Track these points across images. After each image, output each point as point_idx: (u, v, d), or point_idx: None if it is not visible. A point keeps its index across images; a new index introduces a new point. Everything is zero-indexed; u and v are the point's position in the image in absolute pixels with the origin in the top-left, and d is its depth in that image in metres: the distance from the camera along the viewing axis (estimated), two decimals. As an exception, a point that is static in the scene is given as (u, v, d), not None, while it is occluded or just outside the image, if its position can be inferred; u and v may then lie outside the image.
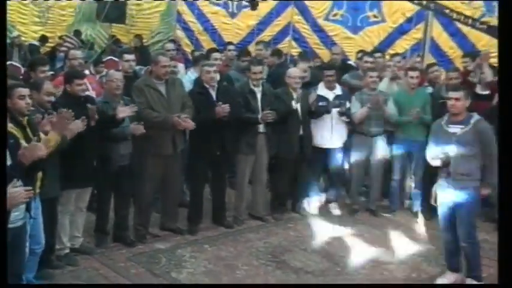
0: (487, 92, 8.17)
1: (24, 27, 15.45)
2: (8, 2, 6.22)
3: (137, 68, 8.56)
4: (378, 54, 10.39)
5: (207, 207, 7.82)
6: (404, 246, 7.43)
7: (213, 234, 7.53)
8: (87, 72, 7.84)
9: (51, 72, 7.90)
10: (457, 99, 6.07)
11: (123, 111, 6.34)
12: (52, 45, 14.71)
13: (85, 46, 12.92)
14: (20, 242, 4.82)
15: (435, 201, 6.27)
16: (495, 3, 12.60)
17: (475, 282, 6.10)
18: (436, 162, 6.16)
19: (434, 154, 6.16)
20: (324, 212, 8.51)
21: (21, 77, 7.54)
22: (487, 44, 12.61)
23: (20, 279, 5.02)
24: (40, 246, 5.33)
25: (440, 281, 6.40)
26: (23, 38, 14.79)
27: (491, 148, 5.99)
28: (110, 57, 9.73)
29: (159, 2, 16.56)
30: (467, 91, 6.42)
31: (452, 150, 6.04)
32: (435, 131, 6.36)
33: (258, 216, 8.08)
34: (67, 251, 6.36)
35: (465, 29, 12.91)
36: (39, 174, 5.02)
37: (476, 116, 6.11)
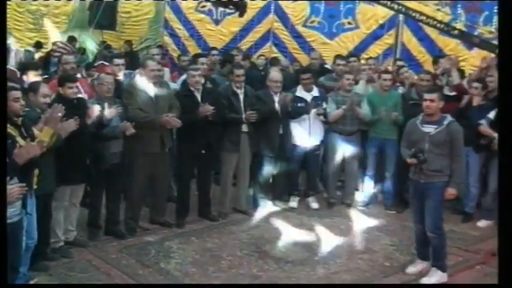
0: (453, 94, 8.23)
1: (20, 33, 15.35)
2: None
3: (127, 71, 8.55)
4: (352, 59, 10.45)
5: (193, 202, 7.82)
6: (377, 236, 7.48)
7: (199, 227, 7.55)
8: (79, 75, 7.81)
9: (46, 76, 7.86)
10: (431, 100, 6.10)
11: (110, 113, 6.38)
12: (46, 50, 14.62)
13: (78, 51, 12.85)
14: (17, 236, 4.80)
15: None
16: (461, 11, 12.76)
17: (439, 272, 6.14)
18: (412, 161, 6.16)
19: (410, 152, 6.17)
20: (303, 205, 8.56)
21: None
22: (454, 49, 12.76)
23: (18, 273, 5.02)
24: (33, 241, 5.30)
25: (410, 268, 6.45)
26: (18, 44, 14.69)
27: (459, 149, 6.07)
28: (101, 62, 9.68)
29: (148, 10, 16.53)
30: (441, 93, 6.47)
31: (425, 148, 6.07)
32: (410, 129, 6.37)
33: (241, 210, 8.11)
34: (61, 244, 6.36)
35: (433, 34, 13.04)
36: (36, 171, 5.02)
37: (449, 118, 6.14)
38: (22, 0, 15.40)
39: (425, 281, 6.12)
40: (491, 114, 7.79)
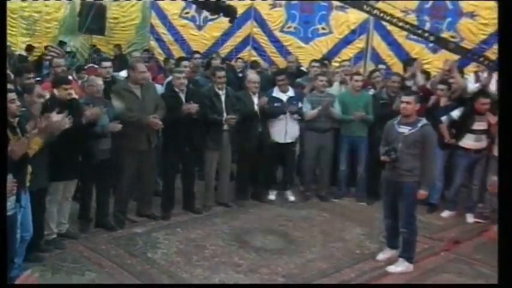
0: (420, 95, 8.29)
1: (14, 38, 15.21)
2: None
3: (115, 73, 8.53)
4: (325, 62, 10.49)
5: (178, 195, 7.83)
6: (349, 226, 7.54)
7: (183, 219, 7.53)
8: (70, 78, 7.78)
9: (38, 78, 7.82)
10: (408, 102, 6.09)
11: (92, 113, 6.33)
12: (39, 54, 14.54)
13: (69, 55, 12.81)
14: (12, 229, 4.79)
15: None
16: (426, 17, 12.85)
17: (406, 263, 6.21)
18: (384, 158, 6.19)
19: (383, 150, 6.20)
20: (281, 198, 8.58)
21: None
22: (420, 53, 12.86)
23: (13, 264, 5.01)
24: (29, 234, 5.30)
25: (380, 256, 6.53)
26: (12, 48, 14.56)
27: (430, 151, 6.07)
28: (90, 65, 9.66)
29: (135, 16, 16.50)
30: (418, 96, 6.45)
31: (398, 147, 6.09)
32: (388, 129, 6.37)
33: (223, 203, 8.11)
34: (54, 236, 6.33)
35: (400, 39, 13.15)
36: (29, 169, 5.01)
37: (424, 121, 6.14)
38: (22, 1, 15.32)
39: (391, 269, 6.18)
40: (454, 113, 7.91)
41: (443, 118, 7.89)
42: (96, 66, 9.02)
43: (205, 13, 15.33)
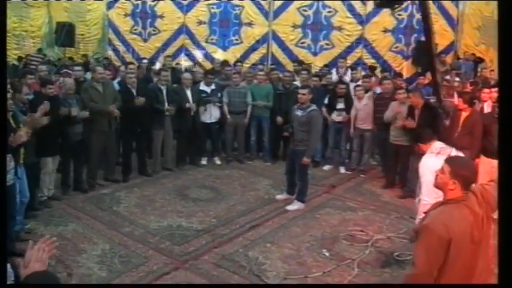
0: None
1: (8, 51, 14.67)
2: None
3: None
4: (239, 64, 10.50)
5: (134, 164, 7.72)
6: (259, 180, 7.68)
7: (139, 181, 7.45)
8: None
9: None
10: (303, 94, 6.24)
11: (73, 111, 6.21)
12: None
13: (48, 63, 12.36)
14: (13, 194, 4.76)
15: None
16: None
17: (299, 203, 6.39)
18: (285, 133, 6.54)
19: (285, 127, 6.57)
20: (210, 162, 8.59)
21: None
22: (305, 56, 13.18)
23: (15, 220, 4.96)
24: (26, 198, 5.23)
25: (279, 196, 6.73)
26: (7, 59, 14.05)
27: (314, 129, 6.18)
28: (65, 70, 9.26)
29: (96, 32, 16.16)
30: (311, 89, 6.59)
31: (295, 125, 6.28)
32: (292, 112, 6.45)
33: (168, 168, 8.05)
34: (45, 198, 6.20)
35: (291, 46, 13.40)
36: (22, 151, 4.97)
37: (313, 107, 6.25)
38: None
39: (289, 207, 6.36)
40: (326, 100, 8.16)
41: (323, 108, 8.04)
42: (69, 71, 8.65)
43: (149, 29, 15.10)
